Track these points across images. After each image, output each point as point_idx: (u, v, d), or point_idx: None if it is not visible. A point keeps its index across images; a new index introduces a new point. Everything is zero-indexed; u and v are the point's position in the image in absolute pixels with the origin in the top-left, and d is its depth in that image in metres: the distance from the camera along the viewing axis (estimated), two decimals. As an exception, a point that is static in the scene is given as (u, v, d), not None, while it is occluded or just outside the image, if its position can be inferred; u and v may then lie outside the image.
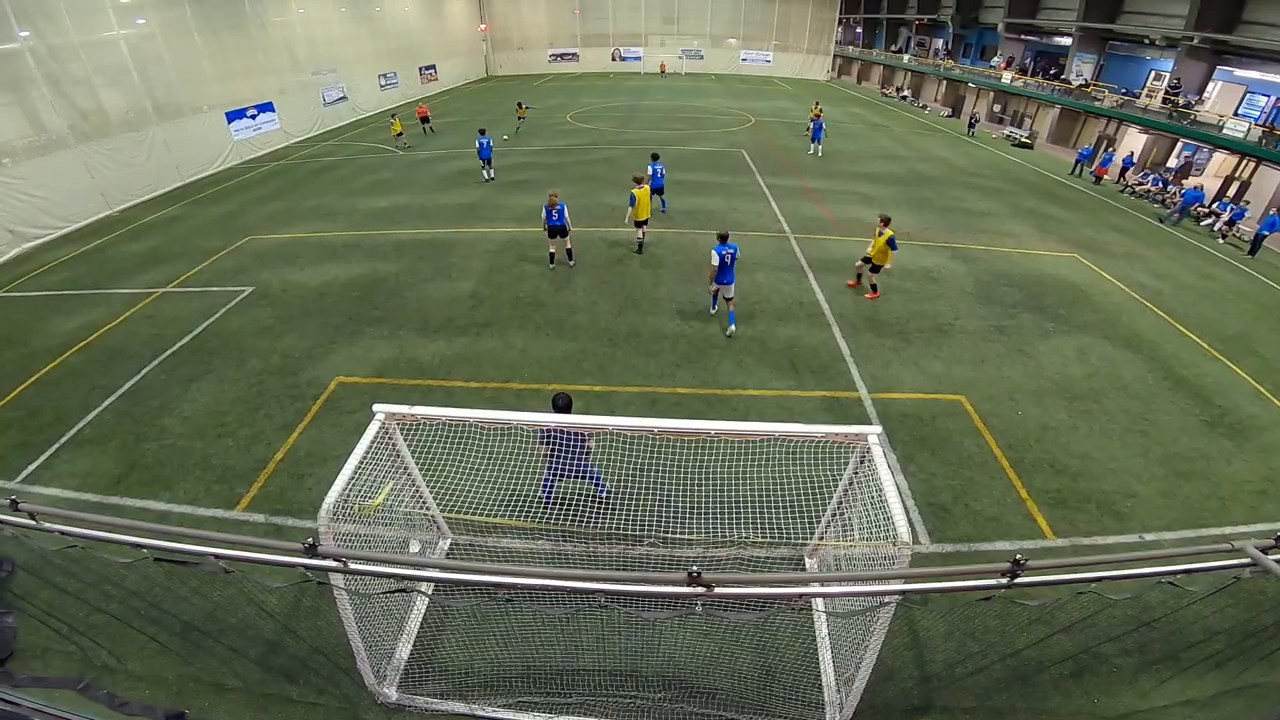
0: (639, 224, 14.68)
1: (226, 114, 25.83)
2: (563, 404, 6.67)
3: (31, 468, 8.40)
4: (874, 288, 13.11)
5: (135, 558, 4.07)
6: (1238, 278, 16.24)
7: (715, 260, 10.93)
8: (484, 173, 21.65)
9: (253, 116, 27.40)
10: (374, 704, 5.35)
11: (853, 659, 4.89)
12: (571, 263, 14.37)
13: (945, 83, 46.20)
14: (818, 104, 34.03)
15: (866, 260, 12.83)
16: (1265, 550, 3.60)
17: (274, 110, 28.76)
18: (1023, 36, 40.01)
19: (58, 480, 8.16)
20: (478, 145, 21.14)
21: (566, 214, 13.34)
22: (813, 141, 26.27)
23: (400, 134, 28.21)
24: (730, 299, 11.54)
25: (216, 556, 3.90)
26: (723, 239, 11.00)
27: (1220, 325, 12.94)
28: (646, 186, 14.37)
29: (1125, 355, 11.44)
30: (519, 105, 30.66)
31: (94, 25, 19.61)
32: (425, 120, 31.00)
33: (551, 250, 14.14)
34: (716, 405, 9.63)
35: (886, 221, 12.37)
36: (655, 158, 16.92)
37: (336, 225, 17.69)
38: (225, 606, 6.13)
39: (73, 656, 5.73)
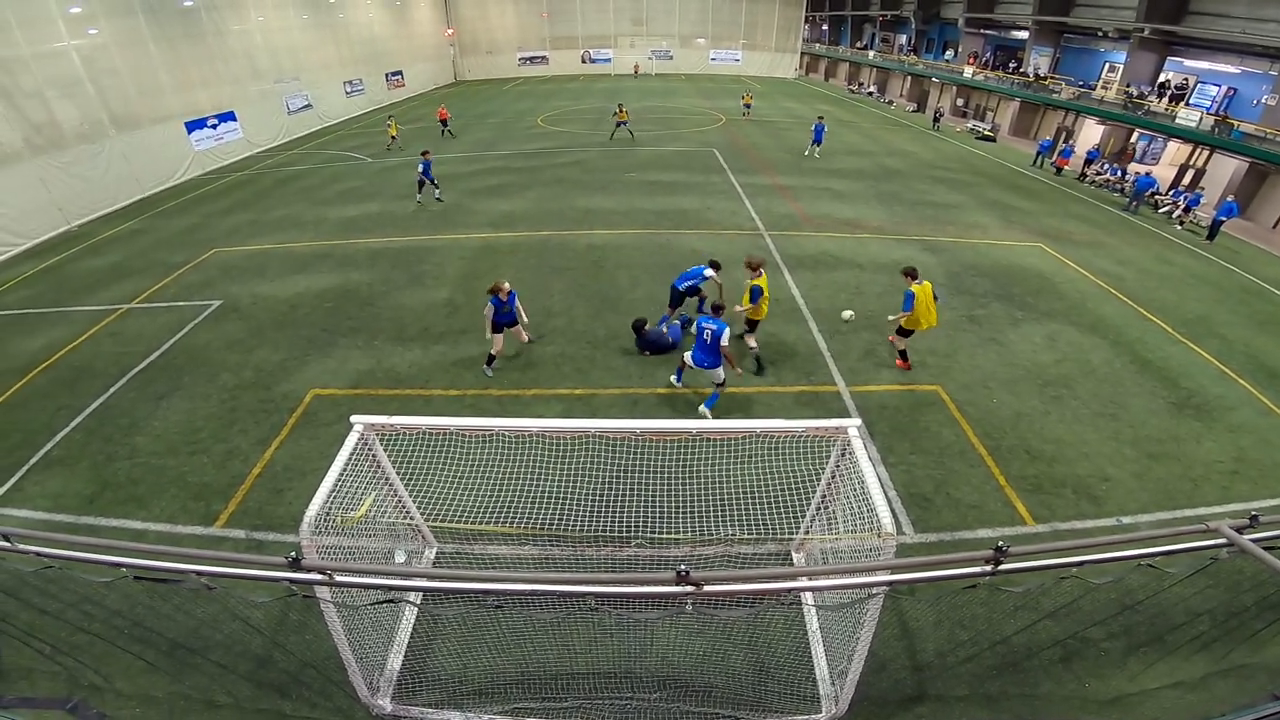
0: (750, 325, 10.57)
1: (186, 124, 25.28)
2: None
3: (1, 491, 8.14)
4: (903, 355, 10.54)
5: (114, 576, 3.98)
6: (1196, 262, 16.74)
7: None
8: (434, 194, 19.53)
9: (213, 126, 26.85)
10: (369, 716, 5.27)
11: (845, 651, 4.93)
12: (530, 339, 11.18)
13: (910, 78, 46.90)
14: (748, 94, 37.04)
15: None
16: (1240, 530, 3.62)
17: (235, 119, 28.21)
18: (982, 31, 40.80)
19: (29, 502, 7.92)
20: (420, 167, 18.62)
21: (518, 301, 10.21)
22: (813, 144, 26.02)
23: (395, 137, 28.30)
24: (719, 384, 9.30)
25: (198, 573, 3.82)
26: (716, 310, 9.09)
27: (1181, 309, 13.32)
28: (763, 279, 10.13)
29: (1092, 340, 11.72)
30: (619, 108, 29.02)
31: (44, 36, 19.00)
32: (445, 123, 30.98)
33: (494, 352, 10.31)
34: (698, 404, 9.66)
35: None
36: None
37: (305, 235, 17.40)
38: (210, 623, 6.00)
39: (58, 676, 5.58)
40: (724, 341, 8.65)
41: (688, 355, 9.24)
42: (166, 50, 24.30)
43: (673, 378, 10.05)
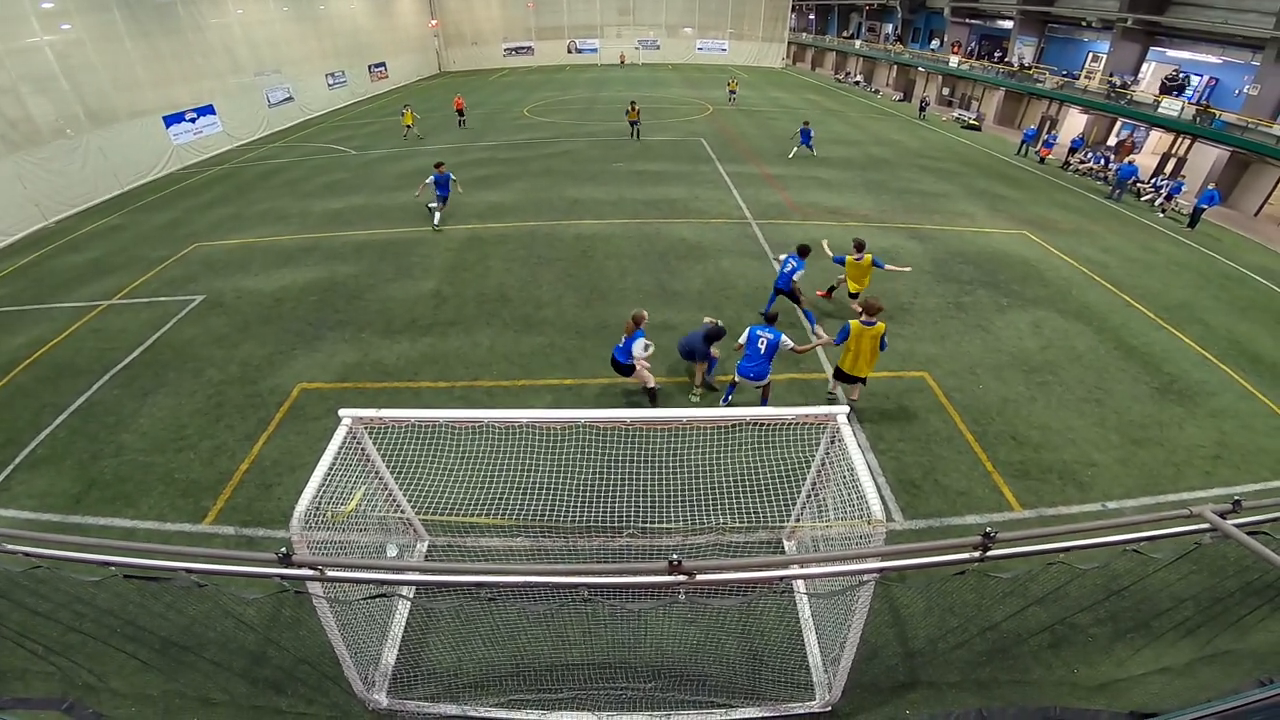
0: (853, 381, 8.85)
1: (164, 118, 24.87)
2: None
3: (-15, 491, 8.03)
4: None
5: (104, 575, 3.93)
6: (1178, 249, 16.93)
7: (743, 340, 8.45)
8: (434, 215, 16.49)
9: (192, 120, 26.43)
10: (365, 711, 5.26)
11: (837, 639, 4.96)
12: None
13: (896, 67, 46.97)
14: (733, 80, 38.87)
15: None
16: (1223, 515, 3.64)
17: (215, 113, 27.78)
18: (968, 20, 40.91)
19: (15, 502, 7.81)
20: (433, 181, 16.28)
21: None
22: (803, 144, 24.47)
23: (410, 125, 28.20)
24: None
25: (188, 571, 3.78)
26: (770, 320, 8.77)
27: (1164, 295, 13.48)
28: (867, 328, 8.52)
29: (1076, 327, 11.84)
30: (631, 105, 27.19)
31: (16, 33, 18.56)
32: (461, 113, 30.83)
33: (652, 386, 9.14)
34: (688, 392, 9.68)
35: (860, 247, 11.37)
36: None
37: (290, 229, 17.20)
38: (203, 621, 5.96)
39: (52, 677, 5.52)
40: (792, 344, 8.38)
41: (736, 374, 8.58)
42: (143, 44, 23.84)
43: (724, 401, 9.08)
